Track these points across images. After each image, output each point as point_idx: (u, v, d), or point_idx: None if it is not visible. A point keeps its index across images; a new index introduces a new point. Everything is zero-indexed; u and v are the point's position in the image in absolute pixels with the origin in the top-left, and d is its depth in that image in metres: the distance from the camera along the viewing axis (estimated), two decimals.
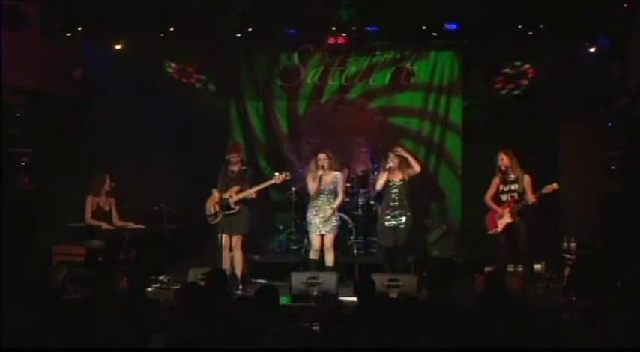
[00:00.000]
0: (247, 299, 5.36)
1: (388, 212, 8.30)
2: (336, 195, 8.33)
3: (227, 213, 8.24)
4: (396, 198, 8.28)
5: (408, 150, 8.53)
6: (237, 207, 8.26)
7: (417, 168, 8.35)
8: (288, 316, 5.75)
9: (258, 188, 8.31)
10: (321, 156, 8.29)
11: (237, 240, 8.33)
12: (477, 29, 9.49)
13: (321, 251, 8.32)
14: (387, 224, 8.30)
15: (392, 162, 8.26)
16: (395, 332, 4.44)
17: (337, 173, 8.37)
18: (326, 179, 8.26)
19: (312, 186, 8.31)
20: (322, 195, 8.30)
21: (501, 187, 8.27)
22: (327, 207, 8.25)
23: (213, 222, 8.36)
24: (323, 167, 8.23)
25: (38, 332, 4.53)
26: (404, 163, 8.35)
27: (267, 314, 4.69)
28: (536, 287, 8.34)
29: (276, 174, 8.35)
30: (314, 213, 8.32)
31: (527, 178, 8.19)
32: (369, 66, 10.58)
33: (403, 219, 8.26)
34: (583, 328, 5.00)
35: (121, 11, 9.02)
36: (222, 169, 8.41)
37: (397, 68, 10.54)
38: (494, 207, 8.26)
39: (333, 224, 8.30)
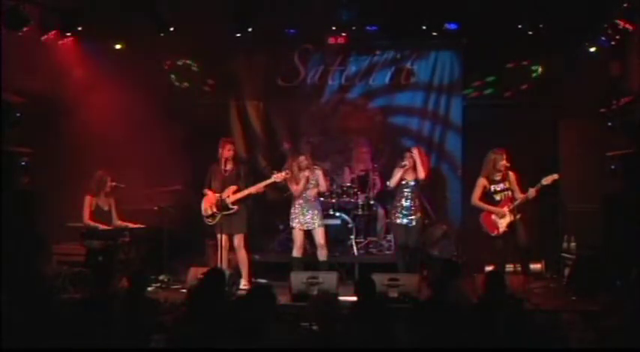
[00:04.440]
0: (246, 299, 5.35)
1: (399, 210, 8.39)
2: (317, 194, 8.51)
3: (226, 213, 8.25)
4: (409, 197, 8.40)
5: (421, 155, 8.56)
6: (236, 207, 8.26)
7: (421, 174, 8.43)
8: (289, 316, 5.77)
9: (259, 186, 8.32)
10: (302, 158, 8.44)
11: (239, 240, 8.34)
12: (477, 29, 9.50)
13: (305, 247, 8.48)
14: (397, 221, 8.40)
15: (408, 161, 8.32)
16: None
17: (316, 169, 8.51)
18: (312, 178, 8.43)
19: (296, 188, 8.43)
20: (304, 196, 8.43)
21: (493, 187, 8.21)
22: (309, 205, 8.40)
23: (211, 224, 8.37)
24: (307, 167, 8.35)
25: (38, 332, 4.53)
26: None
27: (265, 314, 4.69)
28: (537, 287, 8.34)
29: (275, 172, 8.38)
30: (297, 210, 8.42)
31: (512, 176, 8.19)
32: (369, 66, 10.58)
33: (414, 217, 8.40)
34: (583, 328, 5.00)
35: (120, 11, 9.02)
36: (212, 169, 8.41)
37: (397, 68, 10.54)
38: (489, 207, 8.19)
39: (320, 217, 8.43)
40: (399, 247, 8.62)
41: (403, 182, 8.46)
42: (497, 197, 8.22)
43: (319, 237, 8.38)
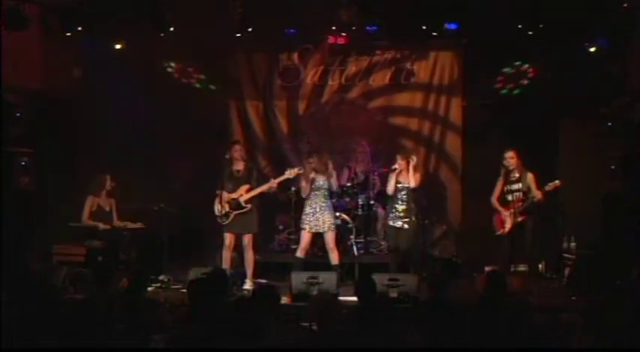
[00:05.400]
0: (249, 300, 5.34)
1: (394, 212, 8.35)
2: (330, 193, 8.39)
3: (239, 212, 8.26)
4: (404, 199, 8.33)
5: (414, 162, 8.49)
6: (249, 206, 8.29)
7: (412, 183, 8.35)
8: (289, 316, 5.76)
9: (273, 182, 8.35)
10: (312, 159, 8.36)
11: (249, 239, 8.33)
12: (477, 29, 9.50)
13: (308, 249, 8.42)
14: (390, 223, 8.35)
15: (398, 164, 8.29)
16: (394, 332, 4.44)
17: (330, 173, 8.42)
18: (318, 180, 8.32)
19: (304, 186, 8.38)
20: (315, 195, 8.34)
21: (506, 187, 8.29)
22: (322, 204, 8.28)
23: (225, 223, 8.35)
24: (315, 170, 8.29)
25: (38, 332, 4.53)
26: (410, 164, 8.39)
27: (268, 314, 4.69)
28: (537, 287, 8.34)
29: (288, 169, 8.42)
30: (308, 212, 8.34)
31: (530, 176, 8.23)
32: (369, 66, 10.58)
33: (407, 220, 8.34)
34: (583, 328, 5.00)
35: (120, 11, 9.03)
36: (224, 170, 8.41)
37: (397, 68, 10.54)
38: (498, 207, 8.29)
39: (331, 221, 8.33)
40: (391, 249, 8.56)
41: (398, 185, 8.40)
42: (509, 197, 8.27)
43: (329, 240, 8.32)
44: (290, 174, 8.35)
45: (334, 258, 8.32)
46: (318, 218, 8.29)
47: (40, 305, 4.93)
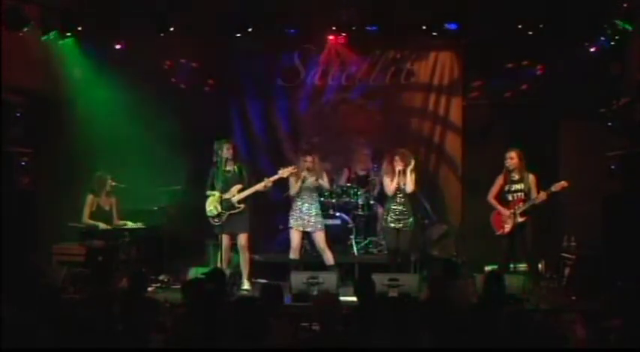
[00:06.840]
0: (253, 300, 5.34)
1: (392, 214, 8.31)
2: (320, 193, 8.48)
3: (232, 212, 8.25)
4: (402, 200, 8.30)
5: (412, 166, 8.45)
6: (242, 206, 8.28)
7: (408, 188, 8.30)
8: (288, 316, 5.76)
9: (267, 181, 8.30)
10: (308, 158, 8.38)
11: (244, 240, 8.32)
12: (477, 29, 9.50)
13: (301, 249, 8.46)
14: (391, 225, 8.31)
15: (399, 165, 8.26)
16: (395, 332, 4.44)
17: (321, 174, 8.45)
18: (309, 179, 8.35)
19: (294, 185, 8.37)
20: (304, 194, 8.35)
21: (506, 187, 8.27)
22: (310, 206, 8.33)
23: (218, 223, 8.35)
24: (309, 169, 8.30)
25: (38, 332, 4.54)
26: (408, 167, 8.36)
27: (273, 313, 4.70)
28: (537, 287, 8.34)
29: (281, 168, 8.37)
30: (296, 210, 8.38)
31: (532, 178, 8.21)
32: (369, 66, 10.57)
33: (408, 221, 8.29)
34: (583, 328, 5.00)
35: (120, 11, 9.03)
36: (214, 171, 8.40)
37: (397, 68, 10.53)
38: (499, 207, 8.26)
39: (318, 220, 8.35)
40: (390, 251, 8.52)
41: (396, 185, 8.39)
42: (510, 197, 8.24)
43: (319, 240, 8.33)
44: (283, 173, 8.32)
45: (328, 258, 8.32)
46: (304, 217, 8.30)
47: (40, 305, 4.93)
